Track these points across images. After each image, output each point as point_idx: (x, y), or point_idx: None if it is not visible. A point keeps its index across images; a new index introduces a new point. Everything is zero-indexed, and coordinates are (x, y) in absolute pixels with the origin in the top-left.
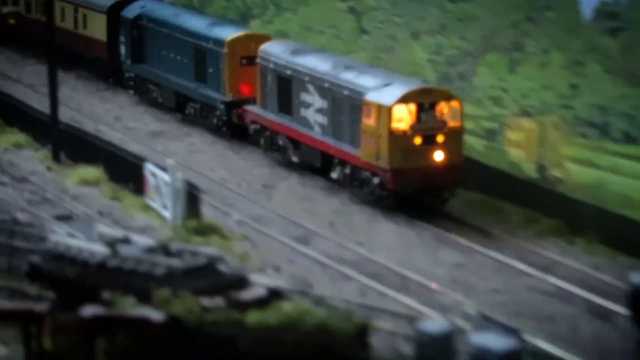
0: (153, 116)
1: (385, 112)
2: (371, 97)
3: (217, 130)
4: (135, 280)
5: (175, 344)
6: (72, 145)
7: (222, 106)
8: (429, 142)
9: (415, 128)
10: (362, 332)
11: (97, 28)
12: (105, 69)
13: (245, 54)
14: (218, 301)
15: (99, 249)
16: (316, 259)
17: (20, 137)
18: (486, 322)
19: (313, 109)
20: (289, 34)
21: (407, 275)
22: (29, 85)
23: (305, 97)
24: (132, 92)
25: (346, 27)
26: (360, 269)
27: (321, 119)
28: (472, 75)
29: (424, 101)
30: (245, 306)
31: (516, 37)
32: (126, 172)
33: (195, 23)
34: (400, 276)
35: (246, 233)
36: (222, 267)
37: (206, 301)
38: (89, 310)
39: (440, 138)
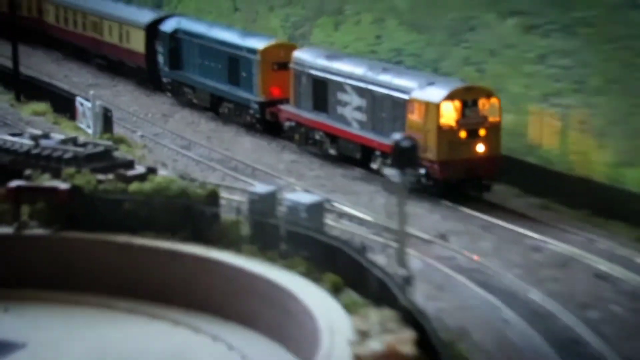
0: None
1: (433, 108)
2: (417, 95)
3: (251, 127)
4: (50, 162)
5: (77, 206)
6: (30, 90)
7: (256, 106)
8: (472, 135)
9: (461, 123)
10: (212, 195)
11: (137, 42)
12: (144, 75)
13: (276, 60)
14: (110, 176)
15: (27, 142)
16: (193, 158)
17: None
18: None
19: (351, 107)
20: (188, 13)
21: (257, 167)
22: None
23: (342, 96)
24: (169, 94)
25: (225, 7)
26: (224, 164)
27: (359, 115)
28: (310, 35)
29: (468, 98)
30: (129, 180)
31: (339, 4)
32: (64, 105)
33: (229, 35)
34: (252, 167)
35: (145, 143)
36: (115, 154)
37: (101, 176)
38: (14, 183)
39: (482, 132)
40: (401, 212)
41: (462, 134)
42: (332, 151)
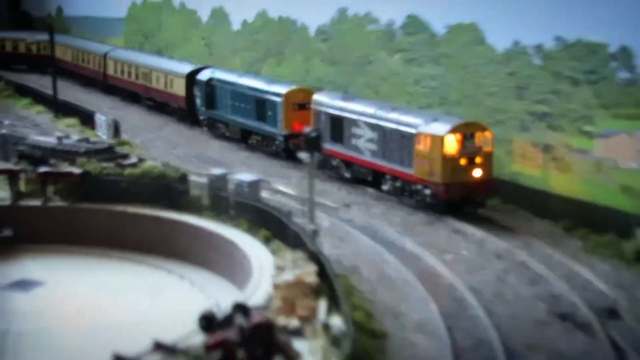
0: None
1: (438, 140)
2: (424, 129)
3: (276, 155)
4: (69, 154)
5: (87, 185)
6: (65, 109)
7: (281, 138)
8: (471, 162)
9: (462, 152)
10: (183, 177)
11: (179, 87)
12: (184, 114)
13: (297, 102)
14: (111, 164)
15: (53, 141)
16: (177, 155)
17: (41, 107)
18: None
19: (363, 139)
20: (179, 57)
21: (219, 160)
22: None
23: (356, 130)
24: (205, 129)
25: (203, 52)
26: (200, 158)
27: (371, 146)
28: (261, 70)
29: (467, 132)
30: (125, 167)
31: (280, 48)
32: (87, 119)
33: (255, 82)
34: (216, 160)
35: (143, 145)
36: (116, 150)
37: (105, 164)
38: (42, 169)
39: (478, 159)
40: (310, 184)
41: (463, 162)
42: (346, 174)
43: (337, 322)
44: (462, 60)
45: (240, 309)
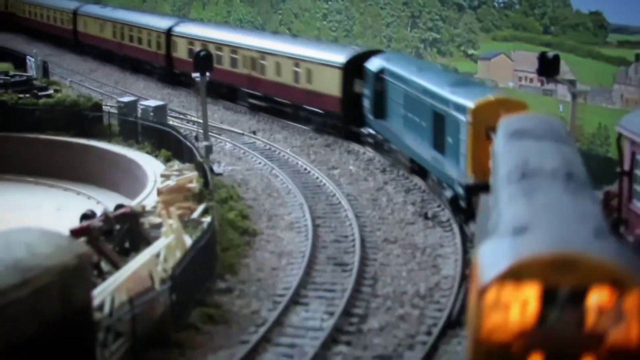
0: None
1: None
2: None
3: (455, 212)
4: None
5: (3, 114)
6: (1, 55)
7: (460, 190)
8: None
9: None
10: (96, 105)
11: (332, 83)
12: (335, 123)
13: (494, 125)
14: (28, 94)
15: None
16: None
17: None
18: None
19: None
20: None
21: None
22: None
23: None
24: (369, 149)
25: None
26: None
27: None
28: (189, 13)
29: None
30: (41, 96)
31: None
32: (19, 62)
33: (437, 81)
34: None
35: (71, 85)
36: (35, 82)
37: (21, 94)
38: None
39: None
40: (203, 104)
41: None
42: None
43: (204, 219)
44: None
45: (120, 207)
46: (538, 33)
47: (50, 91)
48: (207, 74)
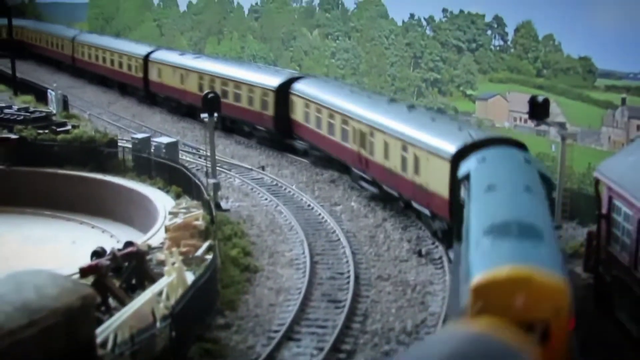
0: None
1: None
2: None
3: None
4: (8, 122)
5: (23, 149)
6: (24, 88)
7: None
8: None
9: None
10: (111, 141)
11: (433, 177)
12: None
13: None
14: (47, 130)
15: None
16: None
17: (2, 86)
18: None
19: None
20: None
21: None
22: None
23: None
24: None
25: (155, 34)
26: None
27: None
28: (204, 48)
29: None
30: (59, 132)
31: (219, 27)
32: (40, 95)
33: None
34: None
35: (90, 119)
36: (53, 118)
37: (40, 130)
38: None
39: None
40: (211, 142)
41: None
42: None
43: (206, 256)
44: (369, 33)
45: (129, 245)
46: (531, 76)
47: (69, 127)
48: (215, 114)
